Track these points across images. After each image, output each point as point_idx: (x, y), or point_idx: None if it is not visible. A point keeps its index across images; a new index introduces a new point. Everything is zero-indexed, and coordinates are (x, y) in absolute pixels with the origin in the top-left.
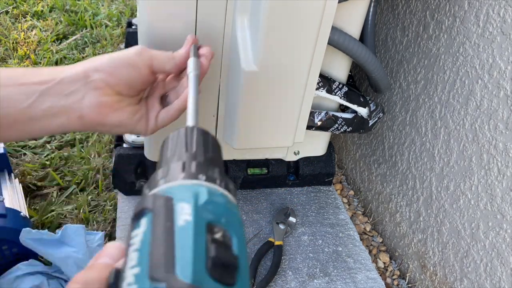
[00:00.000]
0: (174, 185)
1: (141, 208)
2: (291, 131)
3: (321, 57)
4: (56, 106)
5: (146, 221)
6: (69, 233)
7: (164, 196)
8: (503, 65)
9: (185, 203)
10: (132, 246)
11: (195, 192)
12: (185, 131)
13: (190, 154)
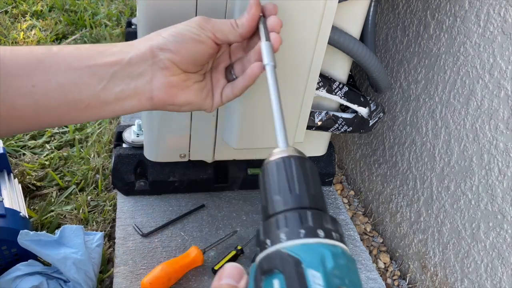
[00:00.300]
0: (297, 245)
1: (270, 267)
2: (291, 131)
3: (321, 57)
4: (127, 89)
5: (278, 283)
6: (67, 234)
7: (293, 258)
8: (504, 65)
9: (315, 271)
10: None
11: (321, 257)
12: (283, 163)
13: (295, 197)
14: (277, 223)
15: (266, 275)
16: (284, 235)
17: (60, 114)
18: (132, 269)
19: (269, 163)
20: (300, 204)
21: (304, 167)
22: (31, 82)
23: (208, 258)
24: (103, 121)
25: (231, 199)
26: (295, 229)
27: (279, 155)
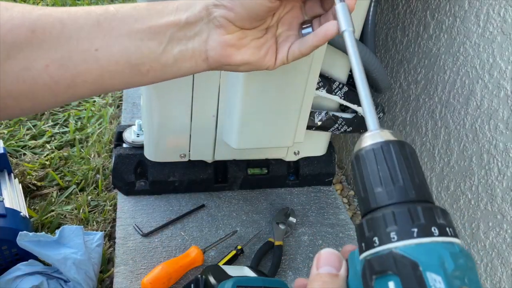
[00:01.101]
0: (411, 245)
1: (382, 268)
2: (291, 131)
3: (321, 57)
4: (185, 50)
5: (394, 286)
6: (67, 234)
7: (409, 260)
8: (504, 65)
9: (436, 275)
10: None
11: (440, 258)
12: (381, 149)
13: (399, 189)
14: (385, 219)
15: (379, 275)
16: (394, 234)
17: (124, 78)
18: (132, 269)
19: (364, 150)
20: (406, 197)
21: (405, 153)
22: (94, 46)
23: (208, 258)
24: (103, 121)
25: (231, 199)
26: (407, 228)
27: (375, 140)
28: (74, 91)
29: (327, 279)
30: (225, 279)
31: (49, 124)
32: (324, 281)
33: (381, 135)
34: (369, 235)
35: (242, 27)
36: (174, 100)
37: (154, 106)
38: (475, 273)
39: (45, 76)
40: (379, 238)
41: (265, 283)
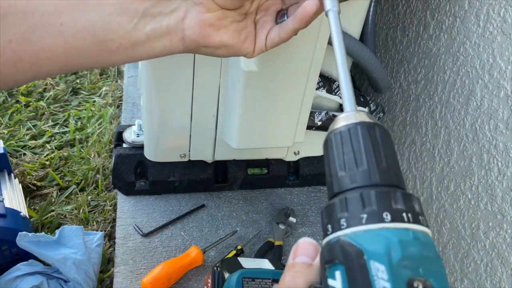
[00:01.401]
0: (359, 232)
1: (331, 257)
2: (291, 131)
3: (321, 57)
4: (159, 28)
5: (340, 275)
6: (67, 234)
7: (354, 248)
8: (504, 65)
9: (379, 264)
10: None
11: (387, 246)
12: (348, 132)
13: (363, 173)
14: (338, 206)
15: (329, 264)
16: (344, 221)
17: (91, 55)
18: (132, 268)
19: (332, 133)
20: (369, 181)
21: (374, 136)
22: (59, 21)
23: (208, 258)
24: (103, 121)
25: (231, 199)
26: (357, 214)
27: (344, 122)
28: (39, 68)
29: (300, 268)
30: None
31: (49, 124)
32: (297, 271)
33: (355, 117)
34: (325, 222)
35: (223, 6)
36: (174, 100)
37: (154, 106)
38: (436, 263)
39: (8, 51)
40: (331, 226)
41: (274, 275)
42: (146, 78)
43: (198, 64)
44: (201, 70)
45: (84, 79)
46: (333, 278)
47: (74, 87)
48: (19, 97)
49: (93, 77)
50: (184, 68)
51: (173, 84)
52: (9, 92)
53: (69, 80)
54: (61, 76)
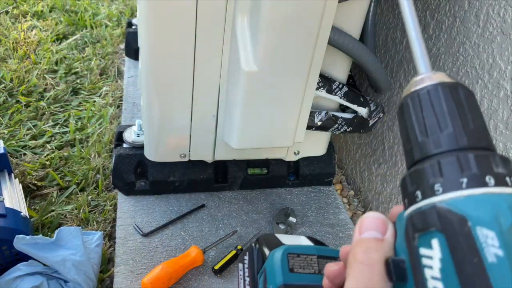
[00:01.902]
0: (459, 197)
1: (424, 224)
2: (291, 131)
3: (321, 57)
4: None
5: (439, 244)
6: (65, 235)
7: (455, 215)
8: (503, 65)
9: (488, 230)
10: (429, 270)
11: (494, 211)
12: (428, 94)
13: (449, 136)
14: (429, 170)
15: (421, 232)
16: (439, 186)
17: None
18: (132, 268)
19: (409, 96)
20: (457, 144)
21: (458, 96)
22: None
23: (208, 257)
24: (103, 121)
25: (231, 199)
26: (455, 178)
27: (422, 84)
28: None
29: (371, 244)
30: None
31: (49, 124)
32: (368, 247)
33: (431, 78)
34: (411, 189)
35: None
36: (174, 100)
37: (154, 106)
38: None
39: None
40: (422, 192)
41: (319, 251)
42: (146, 78)
43: (198, 64)
44: (201, 70)
45: (84, 79)
46: (428, 247)
47: (74, 87)
48: (19, 97)
49: (93, 77)
50: (184, 68)
51: (173, 84)
52: (9, 92)
53: (69, 80)
54: (61, 76)
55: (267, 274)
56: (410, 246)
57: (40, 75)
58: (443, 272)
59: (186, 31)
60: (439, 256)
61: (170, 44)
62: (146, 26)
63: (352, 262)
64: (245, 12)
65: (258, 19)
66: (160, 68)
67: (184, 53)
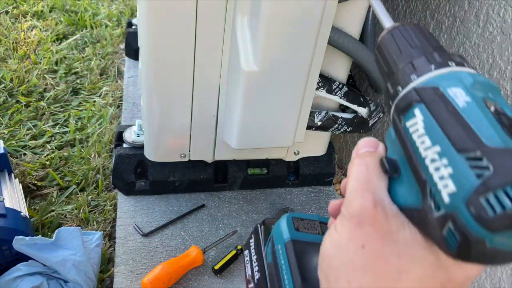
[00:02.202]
0: (429, 77)
1: (406, 103)
2: (291, 131)
3: (321, 57)
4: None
5: (420, 112)
6: (64, 235)
7: (430, 87)
8: (503, 65)
9: (455, 88)
10: (416, 133)
11: (458, 77)
12: (399, 31)
13: (419, 48)
14: (405, 70)
15: (404, 111)
16: (414, 76)
17: None
18: (132, 268)
19: (383, 37)
20: (424, 52)
21: (418, 28)
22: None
23: (208, 257)
24: (103, 121)
25: (231, 199)
26: (425, 67)
27: (391, 27)
28: None
29: (366, 154)
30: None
31: (49, 124)
32: (363, 156)
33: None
34: (393, 90)
35: None
36: (174, 100)
37: (154, 106)
38: (499, 93)
39: None
40: (401, 86)
41: (320, 218)
42: (146, 78)
43: (198, 64)
44: (201, 70)
45: (84, 79)
46: (411, 118)
47: (74, 87)
48: (19, 97)
49: (93, 77)
50: (184, 68)
51: (173, 84)
52: (9, 92)
53: (69, 80)
54: (61, 76)
55: (274, 238)
56: (398, 130)
57: (40, 75)
58: (426, 127)
59: (186, 31)
60: (421, 118)
61: (170, 44)
62: (146, 26)
63: (350, 168)
64: (245, 12)
65: (258, 19)
66: (160, 68)
67: (184, 53)
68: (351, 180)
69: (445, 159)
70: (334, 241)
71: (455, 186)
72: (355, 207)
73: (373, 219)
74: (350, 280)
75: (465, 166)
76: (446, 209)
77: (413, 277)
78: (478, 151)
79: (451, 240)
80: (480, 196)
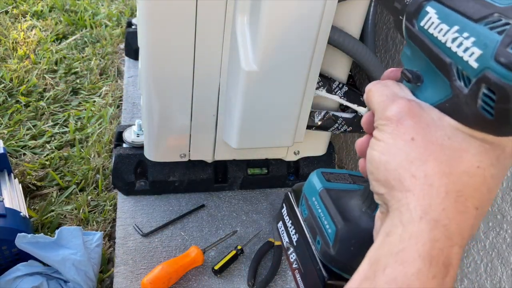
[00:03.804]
0: None
1: (417, 5)
2: (291, 131)
3: (321, 57)
4: None
5: (430, 7)
6: (65, 235)
7: None
8: None
9: None
10: (431, 26)
11: None
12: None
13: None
14: None
15: (416, 14)
16: None
17: None
18: (132, 269)
19: None
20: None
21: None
22: None
23: (208, 258)
24: (103, 121)
25: (231, 199)
26: None
27: None
28: None
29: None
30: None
31: (49, 124)
32: (378, 82)
33: None
34: (400, 5)
35: None
36: (174, 100)
37: (154, 106)
38: None
39: None
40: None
41: (350, 172)
42: (146, 78)
43: (198, 64)
44: (201, 70)
45: (84, 79)
46: (424, 16)
47: (74, 87)
48: (19, 97)
49: (93, 77)
50: (184, 68)
51: (173, 84)
52: (9, 92)
53: (69, 80)
54: (61, 76)
55: (307, 194)
56: (413, 36)
57: (40, 75)
58: (440, 17)
59: (186, 31)
60: (434, 11)
61: (170, 44)
62: (146, 26)
63: (369, 94)
64: (245, 12)
65: (258, 19)
66: (160, 68)
67: (184, 53)
68: (375, 99)
69: (465, 32)
70: (381, 149)
71: (480, 49)
72: (390, 111)
73: (412, 113)
74: (414, 174)
75: (485, 30)
76: (477, 75)
77: (473, 152)
78: (495, 14)
79: (488, 105)
80: (507, 47)
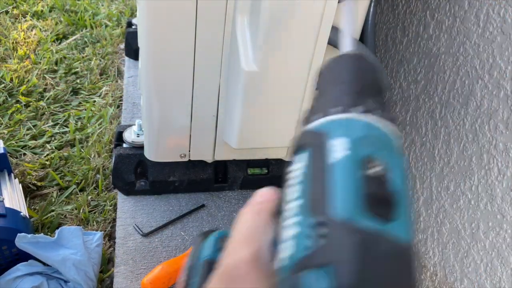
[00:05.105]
0: (326, 121)
1: (300, 144)
2: (291, 131)
3: (321, 57)
4: None
5: (306, 156)
6: (66, 235)
7: (319, 132)
8: (503, 65)
9: (340, 138)
10: (295, 179)
11: (349, 126)
12: (334, 61)
13: (341, 86)
14: (315, 108)
15: (297, 153)
16: (316, 116)
17: None
18: (132, 268)
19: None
20: (345, 91)
21: (358, 64)
22: None
23: None
24: (103, 121)
25: (231, 199)
26: (327, 109)
27: (337, 55)
28: None
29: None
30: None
31: (49, 124)
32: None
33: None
34: (302, 128)
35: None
36: (174, 100)
37: (154, 106)
38: (396, 153)
39: None
40: (306, 124)
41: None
42: (146, 78)
43: (198, 64)
44: (201, 70)
45: (84, 79)
46: (298, 162)
47: (74, 87)
48: (19, 97)
49: (93, 77)
50: (184, 68)
51: (173, 84)
52: (9, 92)
53: (69, 80)
54: (61, 76)
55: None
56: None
57: (40, 75)
58: (303, 175)
59: (186, 31)
60: (304, 164)
61: (170, 44)
62: (146, 26)
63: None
64: (245, 12)
65: (258, 19)
66: (160, 68)
67: (184, 53)
68: (235, 230)
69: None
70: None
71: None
72: (227, 259)
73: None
74: None
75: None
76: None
77: None
78: (322, 217)
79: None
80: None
